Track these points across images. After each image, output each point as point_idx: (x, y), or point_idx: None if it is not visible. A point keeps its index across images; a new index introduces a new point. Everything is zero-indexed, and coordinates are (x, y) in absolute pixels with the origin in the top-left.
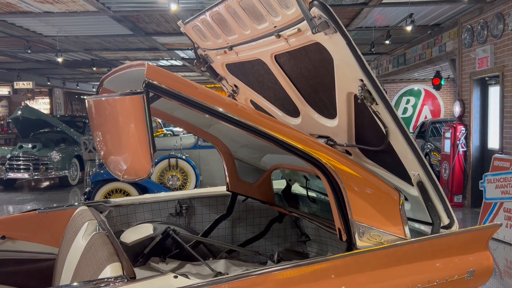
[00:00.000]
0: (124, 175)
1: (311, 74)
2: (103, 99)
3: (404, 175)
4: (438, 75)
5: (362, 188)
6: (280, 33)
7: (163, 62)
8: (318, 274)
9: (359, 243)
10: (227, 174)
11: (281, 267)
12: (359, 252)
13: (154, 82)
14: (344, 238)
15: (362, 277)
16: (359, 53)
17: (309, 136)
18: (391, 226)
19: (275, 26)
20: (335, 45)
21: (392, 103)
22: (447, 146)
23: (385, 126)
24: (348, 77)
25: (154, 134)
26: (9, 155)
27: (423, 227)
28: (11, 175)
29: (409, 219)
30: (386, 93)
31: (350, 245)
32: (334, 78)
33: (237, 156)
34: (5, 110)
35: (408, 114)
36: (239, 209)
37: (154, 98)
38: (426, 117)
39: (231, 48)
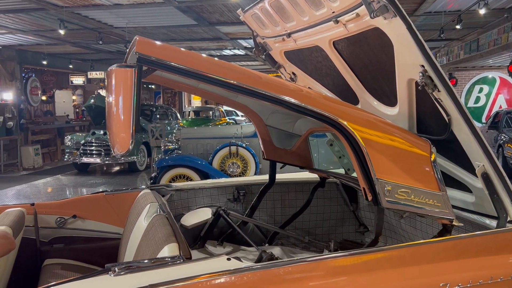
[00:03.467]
0: (112, 149)
1: (370, 60)
2: (108, 70)
3: (468, 166)
4: None
5: (385, 142)
6: (338, 19)
7: (227, 52)
8: (372, 264)
9: (385, 203)
10: (261, 142)
11: (334, 255)
12: (415, 244)
13: (145, 55)
14: (370, 197)
15: (418, 270)
16: (420, 37)
17: (320, 94)
18: (421, 181)
19: (333, 12)
20: (394, 29)
21: (462, 92)
22: None
23: (447, 114)
24: (408, 63)
25: (217, 123)
26: (83, 141)
27: (487, 221)
28: (85, 159)
29: (473, 212)
30: (456, 81)
31: (377, 204)
32: (394, 64)
33: (269, 123)
34: (80, 99)
35: (481, 103)
36: (280, 189)
37: (150, 71)
38: (500, 107)
39: (289, 35)
